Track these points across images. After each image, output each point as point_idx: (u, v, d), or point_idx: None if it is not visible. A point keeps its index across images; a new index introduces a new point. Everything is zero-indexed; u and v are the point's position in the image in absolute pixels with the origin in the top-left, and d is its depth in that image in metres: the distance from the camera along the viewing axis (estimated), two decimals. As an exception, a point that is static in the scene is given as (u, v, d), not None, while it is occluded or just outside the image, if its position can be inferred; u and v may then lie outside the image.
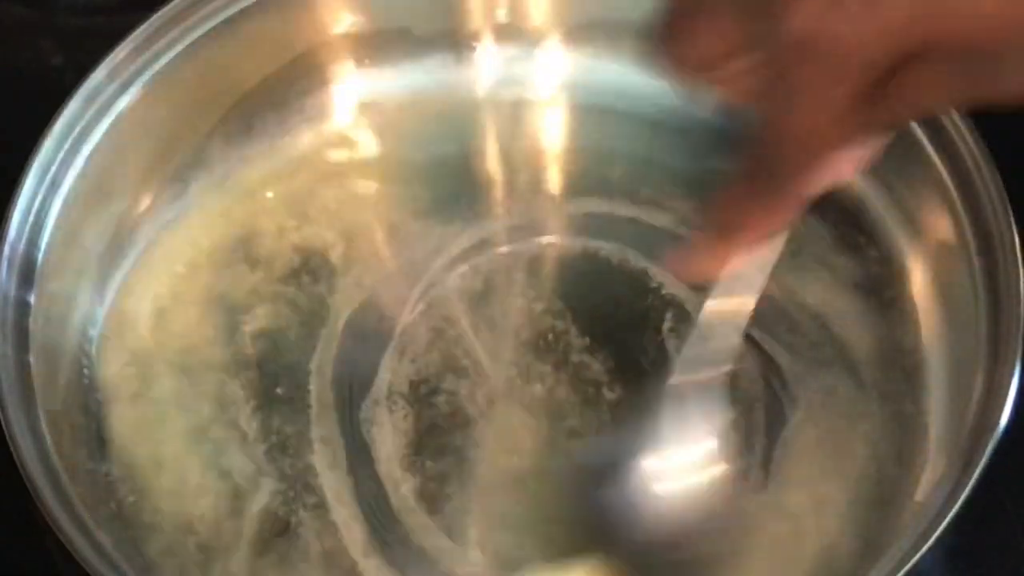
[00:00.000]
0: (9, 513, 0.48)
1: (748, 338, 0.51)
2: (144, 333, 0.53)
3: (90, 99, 0.52)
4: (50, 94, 0.52)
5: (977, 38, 0.30)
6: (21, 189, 0.50)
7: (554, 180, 0.58)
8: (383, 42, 0.58)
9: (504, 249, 0.55)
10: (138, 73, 0.53)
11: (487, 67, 0.59)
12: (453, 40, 0.59)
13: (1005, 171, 0.48)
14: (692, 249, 0.39)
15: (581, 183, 0.57)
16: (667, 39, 0.35)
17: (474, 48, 0.59)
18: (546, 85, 0.59)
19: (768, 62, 0.32)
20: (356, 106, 0.59)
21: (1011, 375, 0.44)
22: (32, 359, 0.48)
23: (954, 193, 0.49)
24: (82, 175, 0.51)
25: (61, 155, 0.51)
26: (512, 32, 0.59)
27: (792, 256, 0.53)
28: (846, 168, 0.35)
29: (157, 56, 0.53)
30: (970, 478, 0.42)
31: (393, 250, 0.56)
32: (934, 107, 0.34)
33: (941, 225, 0.50)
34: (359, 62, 0.58)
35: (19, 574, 0.51)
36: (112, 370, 0.52)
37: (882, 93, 0.31)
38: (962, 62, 0.30)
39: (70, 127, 0.51)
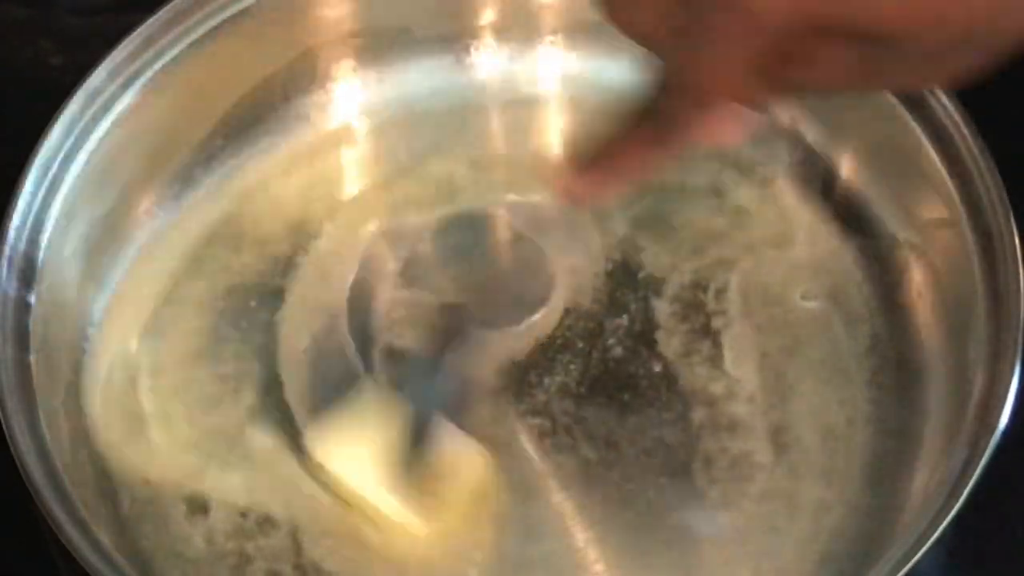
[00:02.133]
0: (9, 513, 0.48)
1: (748, 335, 0.52)
2: (144, 333, 0.53)
3: (90, 99, 0.52)
4: (50, 94, 0.52)
5: (877, 22, 0.31)
6: (21, 189, 0.50)
7: (554, 179, 0.58)
8: (383, 42, 0.58)
9: (503, 247, 0.56)
10: (138, 73, 0.53)
11: (487, 67, 0.59)
12: (453, 40, 0.59)
13: (1005, 171, 0.48)
14: (577, 172, 0.40)
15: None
16: (611, 8, 0.36)
17: (474, 48, 0.59)
18: (546, 85, 0.59)
19: (686, 14, 0.34)
20: (356, 106, 0.59)
21: (1011, 375, 0.44)
22: (32, 359, 0.48)
23: (954, 193, 0.49)
24: (82, 175, 0.51)
25: (61, 155, 0.51)
26: (512, 32, 0.59)
27: (791, 256, 0.54)
28: (730, 130, 0.37)
29: (157, 56, 0.53)
30: (970, 478, 0.42)
31: (393, 249, 0.55)
32: (830, 85, 0.35)
33: (941, 225, 0.50)
34: (359, 62, 0.58)
35: (19, 574, 0.51)
36: (112, 370, 0.52)
37: (785, 60, 0.33)
38: (864, 47, 0.32)
39: (70, 127, 0.51)
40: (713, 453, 0.49)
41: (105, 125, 0.52)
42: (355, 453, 0.47)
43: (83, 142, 0.52)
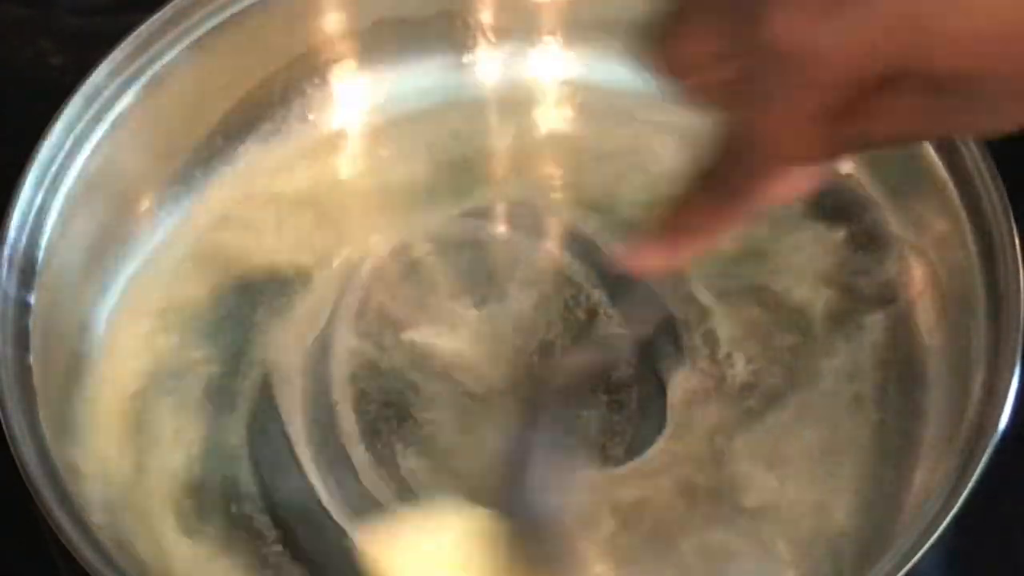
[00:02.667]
0: (9, 513, 0.48)
1: (746, 336, 0.52)
2: (144, 333, 0.53)
3: (90, 99, 0.52)
4: (50, 94, 0.52)
5: (954, 67, 0.30)
6: (21, 189, 0.50)
7: (554, 179, 0.58)
8: (383, 42, 0.58)
9: (503, 248, 0.55)
10: (138, 73, 0.53)
11: (487, 66, 0.59)
12: (453, 40, 0.59)
13: (1005, 171, 0.48)
14: (642, 245, 0.40)
15: (581, 182, 0.57)
16: (658, 40, 0.35)
17: (474, 48, 0.59)
18: (546, 85, 0.59)
19: (744, 67, 0.32)
20: (356, 106, 0.59)
21: (1011, 375, 0.44)
22: (32, 359, 0.48)
23: (954, 193, 0.49)
24: (82, 175, 0.51)
25: (61, 155, 0.51)
26: (511, 32, 0.59)
27: (790, 256, 0.54)
28: (800, 186, 0.36)
29: (157, 56, 0.53)
30: (970, 478, 0.42)
31: (393, 250, 0.55)
32: (903, 136, 0.34)
33: (941, 225, 0.50)
34: (359, 62, 0.58)
35: (19, 574, 0.51)
36: (112, 370, 0.52)
37: (851, 115, 0.31)
38: (937, 93, 0.30)
39: (70, 127, 0.51)
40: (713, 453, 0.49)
41: (105, 125, 0.52)
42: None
43: (83, 142, 0.52)
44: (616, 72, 0.58)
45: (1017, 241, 0.47)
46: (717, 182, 0.36)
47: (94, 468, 0.49)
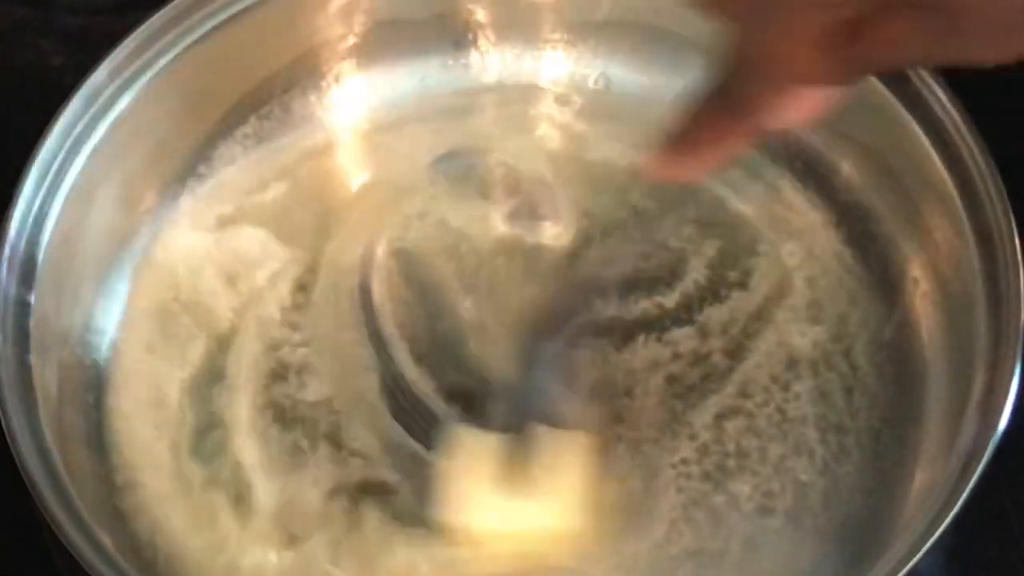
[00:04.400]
0: (9, 513, 0.48)
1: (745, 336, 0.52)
2: (144, 333, 0.53)
3: (90, 99, 0.52)
4: (50, 94, 0.52)
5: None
6: (21, 189, 0.50)
7: (554, 178, 0.58)
8: (383, 42, 0.58)
9: (502, 249, 0.55)
10: (138, 73, 0.53)
11: (487, 67, 0.59)
12: (453, 39, 0.59)
13: (1005, 171, 0.48)
14: (659, 154, 0.40)
15: (581, 181, 0.57)
16: None
17: (474, 48, 0.59)
18: (546, 85, 0.59)
19: None
20: (356, 106, 0.59)
21: (1011, 375, 0.44)
22: (32, 359, 0.48)
23: (954, 193, 0.49)
24: (82, 175, 0.51)
25: (61, 155, 0.51)
26: (512, 31, 0.59)
27: (791, 256, 0.54)
28: (804, 109, 0.36)
29: (157, 56, 0.53)
30: (970, 478, 0.42)
31: (392, 250, 0.55)
32: (901, 59, 0.36)
33: (941, 225, 0.50)
34: (359, 62, 0.58)
35: (19, 574, 0.51)
36: (112, 370, 0.52)
37: (853, 38, 0.33)
38: (928, 18, 0.32)
39: (70, 127, 0.51)
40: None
41: (105, 125, 0.52)
42: (485, 502, 0.47)
43: (83, 142, 0.52)
44: (617, 72, 0.58)
45: (1017, 241, 0.47)
46: (728, 96, 0.37)
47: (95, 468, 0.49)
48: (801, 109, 0.36)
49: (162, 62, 0.53)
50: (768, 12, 0.34)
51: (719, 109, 0.38)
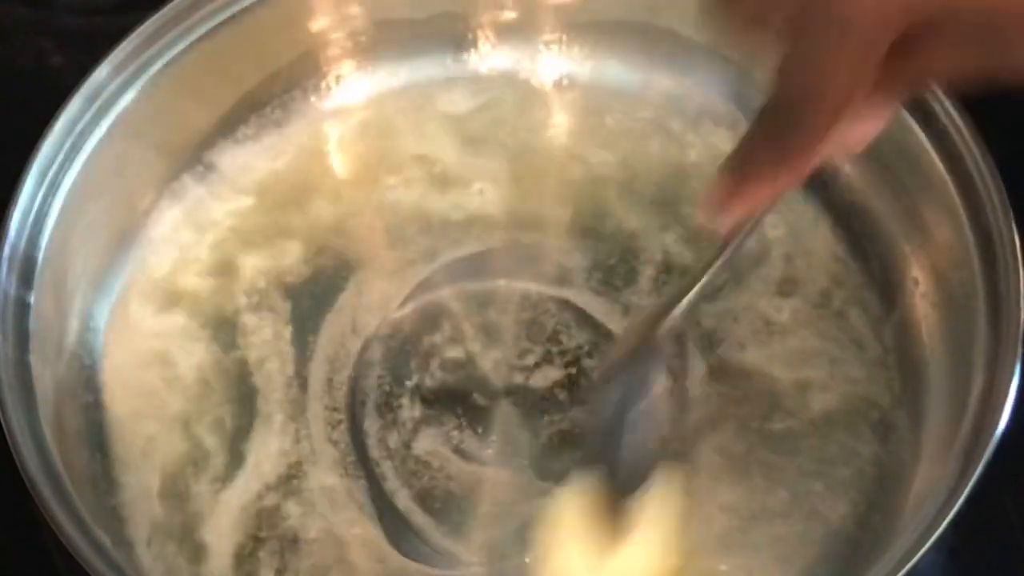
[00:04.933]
0: (9, 513, 0.48)
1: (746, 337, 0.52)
2: (144, 333, 0.53)
3: (90, 99, 0.52)
4: (50, 94, 0.52)
5: (987, 13, 0.32)
6: (21, 189, 0.50)
7: (554, 177, 0.58)
8: (383, 41, 0.58)
9: (504, 249, 0.55)
10: (138, 73, 0.53)
11: (487, 67, 0.59)
12: (453, 39, 0.59)
13: (1005, 171, 0.48)
14: (713, 191, 0.39)
15: (581, 180, 0.57)
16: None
17: (474, 48, 0.59)
18: (546, 84, 0.59)
19: (796, 19, 0.34)
20: (356, 105, 0.59)
21: (1011, 375, 0.44)
22: (32, 359, 0.48)
23: (954, 193, 0.49)
24: (82, 175, 0.51)
25: (61, 155, 0.51)
26: (512, 32, 0.59)
27: (791, 256, 0.54)
28: (858, 133, 0.37)
29: (157, 56, 0.53)
30: (970, 478, 0.42)
31: (393, 250, 0.55)
32: (947, 76, 0.37)
33: (941, 225, 0.50)
34: (359, 62, 0.58)
35: (19, 574, 0.51)
36: (112, 370, 0.52)
37: (900, 59, 0.33)
38: (973, 36, 0.32)
39: (70, 127, 0.51)
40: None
41: (105, 125, 0.52)
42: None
43: (83, 142, 0.51)
44: (617, 72, 0.58)
45: (1017, 241, 0.47)
46: (778, 128, 0.36)
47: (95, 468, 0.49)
48: (855, 134, 0.36)
49: (162, 62, 0.53)
50: (813, 50, 0.34)
51: (772, 140, 0.36)
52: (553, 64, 0.59)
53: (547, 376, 0.52)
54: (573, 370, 0.52)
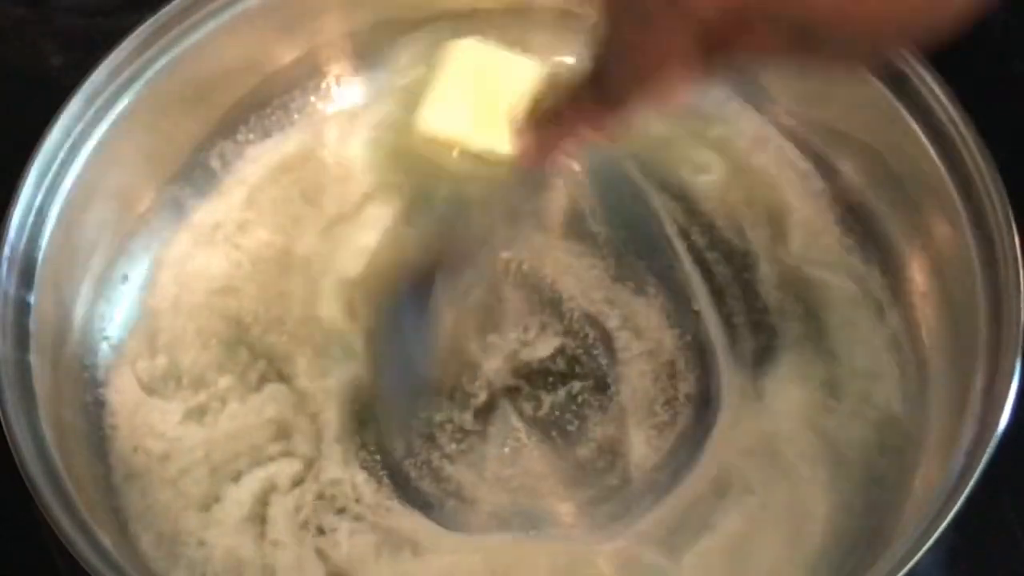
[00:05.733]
0: (9, 513, 0.48)
1: (746, 337, 0.52)
2: (145, 332, 0.53)
3: (90, 99, 0.52)
4: (50, 94, 0.52)
5: (790, 9, 0.35)
6: (21, 189, 0.50)
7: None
8: (383, 41, 0.58)
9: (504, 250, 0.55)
10: (138, 73, 0.53)
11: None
12: (453, 38, 0.58)
13: (1005, 171, 0.48)
14: (523, 131, 0.42)
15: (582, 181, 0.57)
16: None
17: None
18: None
19: None
20: (356, 106, 0.59)
21: (1011, 375, 0.44)
22: (32, 359, 0.48)
23: (954, 193, 0.49)
24: (82, 175, 0.51)
25: (61, 155, 0.51)
26: (509, 29, 0.58)
27: (792, 256, 0.54)
28: (669, 98, 0.38)
29: (157, 56, 0.53)
30: (970, 478, 0.42)
31: (392, 251, 0.55)
32: (763, 61, 0.39)
33: (942, 227, 0.50)
34: (359, 62, 0.58)
35: (20, 574, 0.51)
36: (112, 369, 0.52)
37: (718, 39, 0.36)
38: (780, 27, 0.35)
39: (70, 127, 0.51)
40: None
41: (105, 125, 0.52)
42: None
43: (83, 142, 0.52)
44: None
45: (1017, 241, 0.47)
46: (600, 80, 0.39)
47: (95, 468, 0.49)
48: (668, 95, 0.38)
49: (162, 62, 0.53)
50: (644, 19, 0.36)
51: (591, 90, 0.39)
52: (548, 60, 0.58)
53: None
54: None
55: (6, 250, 0.49)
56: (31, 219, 0.50)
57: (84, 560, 0.42)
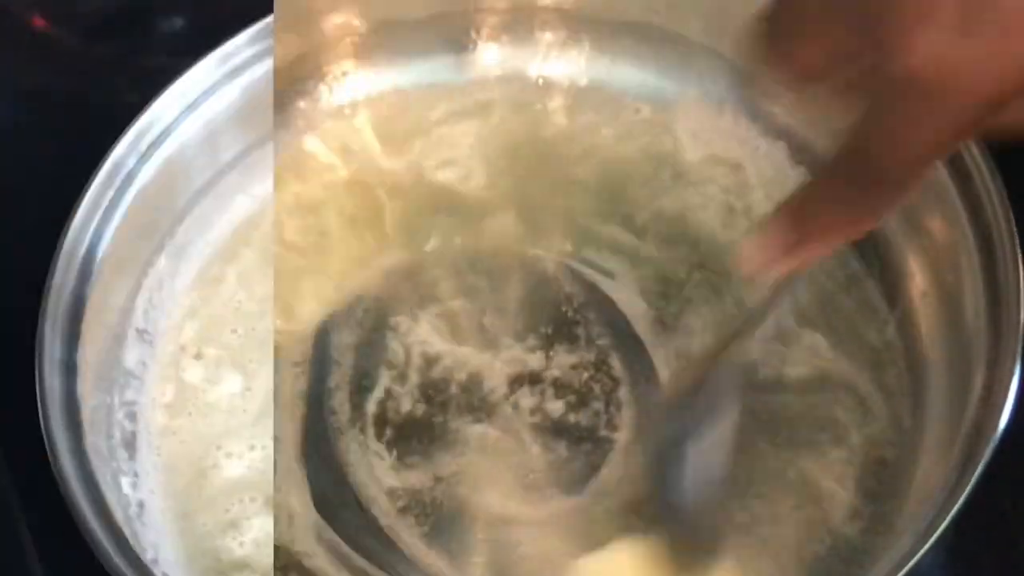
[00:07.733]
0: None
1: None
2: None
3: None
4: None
5: None
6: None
7: (553, 175, 0.58)
8: (384, 41, 0.59)
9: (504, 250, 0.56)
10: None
11: (487, 67, 0.60)
12: (453, 38, 0.59)
13: (1005, 171, 0.48)
14: (766, 237, 0.38)
15: (582, 180, 0.57)
16: (774, 38, 0.34)
17: (475, 48, 0.59)
18: (546, 84, 0.60)
19: (878, 87, 0.32)
20: (356, 106, 0.59)
21: (1011, 375, 0.44)
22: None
23: (954, 193, 0.49)
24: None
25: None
26: (513, 30, 0.59)
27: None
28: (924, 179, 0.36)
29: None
30: (970, 478, 0.42)
31: (393, 250, 0.56)
32: (1014, 138, 0.35)
33: (941, 225, 0.50)
34: (360, 62, 0.59)
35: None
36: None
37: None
38: None
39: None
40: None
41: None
42: None
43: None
44: (617, 72, 0.59)
45: (1017, 241, 0.47)
46: (853, 183, 0.34)
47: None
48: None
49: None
50: (898, 123, 0.31)
51: (844, 194, 0.35)
52: (553, 64, 0.59)
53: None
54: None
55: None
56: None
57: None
